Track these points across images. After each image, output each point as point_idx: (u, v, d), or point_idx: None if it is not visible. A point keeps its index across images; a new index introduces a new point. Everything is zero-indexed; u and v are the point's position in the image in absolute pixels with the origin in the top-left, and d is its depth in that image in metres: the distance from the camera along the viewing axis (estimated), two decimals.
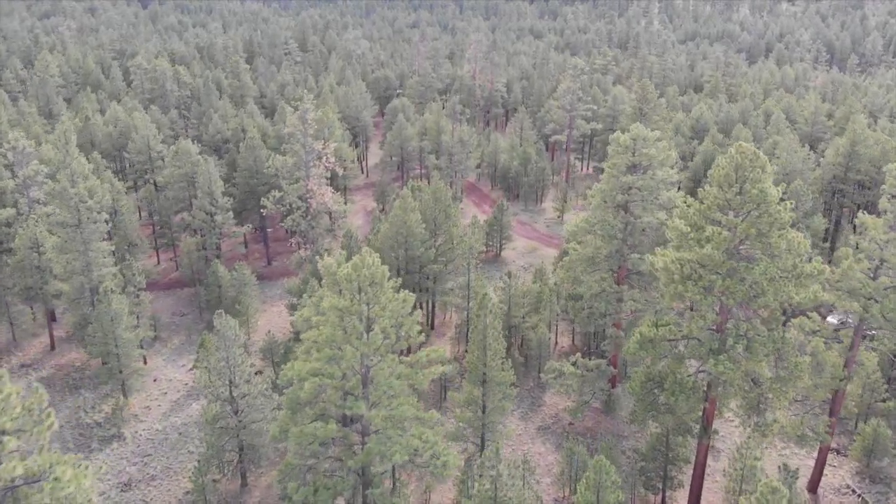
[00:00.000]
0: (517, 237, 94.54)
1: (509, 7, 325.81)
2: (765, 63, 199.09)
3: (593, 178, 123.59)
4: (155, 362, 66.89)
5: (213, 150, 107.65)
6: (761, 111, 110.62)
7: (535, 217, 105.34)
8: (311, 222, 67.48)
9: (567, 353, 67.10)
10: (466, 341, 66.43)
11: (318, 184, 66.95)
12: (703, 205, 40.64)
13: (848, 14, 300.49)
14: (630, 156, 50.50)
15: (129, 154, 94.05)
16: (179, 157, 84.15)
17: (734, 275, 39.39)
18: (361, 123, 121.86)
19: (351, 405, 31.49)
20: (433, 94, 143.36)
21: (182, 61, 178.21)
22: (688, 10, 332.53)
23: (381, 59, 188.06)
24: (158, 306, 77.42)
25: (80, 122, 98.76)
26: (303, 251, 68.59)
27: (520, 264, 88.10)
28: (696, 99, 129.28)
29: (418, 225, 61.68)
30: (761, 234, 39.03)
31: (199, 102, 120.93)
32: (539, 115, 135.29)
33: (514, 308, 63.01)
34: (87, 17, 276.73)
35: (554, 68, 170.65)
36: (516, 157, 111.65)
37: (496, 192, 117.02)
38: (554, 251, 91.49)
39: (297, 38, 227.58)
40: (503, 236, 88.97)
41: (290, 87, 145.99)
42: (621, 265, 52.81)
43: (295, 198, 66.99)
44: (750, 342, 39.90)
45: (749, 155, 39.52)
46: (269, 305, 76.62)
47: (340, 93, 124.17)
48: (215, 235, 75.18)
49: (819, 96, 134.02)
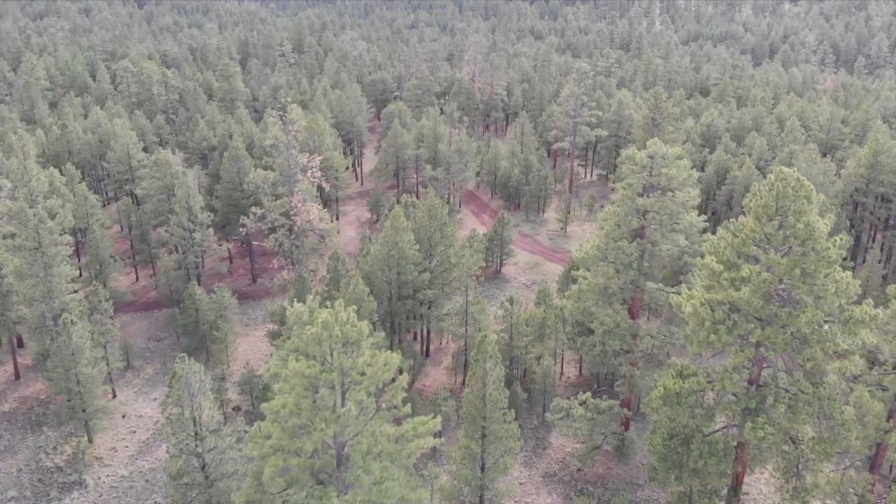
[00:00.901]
0: (518, 251, 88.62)
1: (509, 7, 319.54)
2: (770, 65, 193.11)
3: (597, 186, 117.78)
4: (125, 395, 60.99)
5: (199, 157, 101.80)
6: (774, 117, 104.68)
7: (538, 228, 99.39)
8: (295, 241, 61.61)
9: (574, 385, 61.29)
10: (465, 371, 60.65)
11: (304, 200, 61.07)
12: (738, 238, 34.79)
13: (852, 15, 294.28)
14: (647, 175, 44.60)
15: (107, 163, 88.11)
16: (158, 167, 78.27)
17: (775, 322, 33.53)
18: (355, 129, 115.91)
19: (320, 496, 25.58)
20: (431, 97, 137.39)
21: (174, 63, 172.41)
22: (689, 10, 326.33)
23: (378, 60, 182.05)
24: (133, 329, 71.56)
25: (58, 129, 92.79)
26: (286, 273, 62.74)
27: (521, 281, 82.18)
28: (704, 103, 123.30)
29: (411, 247, 55.77)
30: (806, 275, 33.18)
31: (185, 107, 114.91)
32: (541, 120, 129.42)
33: (517, 337, 57.20)
34: (81, 17, 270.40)
35: (555, 70, 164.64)
36: (517, 164, 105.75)
37: (496, 200, 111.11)
38: (557, 266, 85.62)
39: (294, 39, 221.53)
40: (504, 251, 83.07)
41: (284, 89, 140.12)
42: (636, 296, 46.92)
43: (278, 215, 61.15)
44: (793, 400, 34.03)
45: (792, 182, 33.73)
46: (252, 329, 70.70)
47: (334, 97, 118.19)
48: (194, 254, 69.26)
49: (830, 100, 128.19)
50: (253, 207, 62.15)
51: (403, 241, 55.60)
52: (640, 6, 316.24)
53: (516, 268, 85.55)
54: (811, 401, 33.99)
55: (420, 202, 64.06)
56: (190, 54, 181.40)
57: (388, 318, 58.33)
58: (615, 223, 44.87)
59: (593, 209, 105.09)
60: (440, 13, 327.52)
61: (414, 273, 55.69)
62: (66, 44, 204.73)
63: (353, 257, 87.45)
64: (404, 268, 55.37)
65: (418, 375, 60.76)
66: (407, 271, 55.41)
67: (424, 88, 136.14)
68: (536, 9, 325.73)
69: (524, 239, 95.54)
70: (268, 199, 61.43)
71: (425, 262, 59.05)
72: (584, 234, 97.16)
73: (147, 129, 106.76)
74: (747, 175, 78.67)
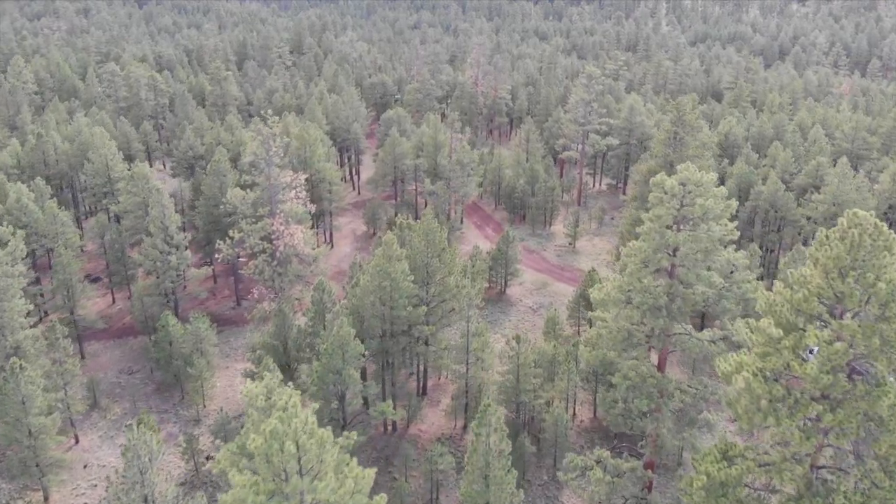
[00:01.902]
0: (524, 269, 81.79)
1: (513, 8, 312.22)
2: (783, 67, 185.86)
3: (607, 197, 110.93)
4: (89, 440, 54.47)
5: (185, 167, 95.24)
6: (795, 124, 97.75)
7: (544, 243, 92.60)
8: (277, 268, 54.99)
9: (589, 431, 54.60)
10: (465, 414, 54.02)
11: (287, 222, 54.44)
12: (799, 296, 28.00)
13: (861, 15, 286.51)
14: (678, 206, 37.81)
15: (85, 175, 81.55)
16: (135, 181, 71.74)
17: (848, 402, 26.78)
18: (352, 137, 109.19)
19: None
20: (432, 102, 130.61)
21: (168, 65, 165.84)
22: (696, 10, 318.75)
23: (378, 62, 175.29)
24: (104, 360, 65.03)
25: (34, 139, 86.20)
26: (267, 303, 56.10)
27: (528, 304, 75.40)
28: (718, 109, 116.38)
29: (405, 278, 49.05)
30: (887, 344, 26.41)
31: (174, 113, 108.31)
32: (546, 126, 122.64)
33: (524, 379, 50.51)
34: (79, 18, 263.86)
35: (561, 73, 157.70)
36: (522, 174, 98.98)
37: (500, 212, 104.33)
38: (566, 286, 78.86)
39: (294, 40, 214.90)
40: (509, 271, 76.32)
41: (279, 93, 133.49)
42: (665, 345, 40.16)
43: (258, 239, 54.55)
44: (865, 497, 27.28)
45: (869, 229, 26.87)
46: (233, 361, 64.05)
47: (330, 102, 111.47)
48: (170, 278, 62.64)
49: (850, 106, 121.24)
50: (231, 231, 55.50)
51: (397, 271, 48.90)
52: (646, 6, 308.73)
53: (522, 288, 78.79)
54: (888, 497, 27.28)
55: (417, 224, 57.34)
56: (185, 56, 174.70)
57: (380, 356, 51.70)
58: (641, 261, 38.09)
59: (603, 222, 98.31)
60: (443, 13, 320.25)
61: (408, 308, 49.00)
62: (60, 45, 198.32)
63: (346, 277, 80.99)
64: (397, 302, 48.68)
65: (414, 419, 54.09)
66: (400, 306, 48.72)
67: (425, 92, 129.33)
68: (541, 9, 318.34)
69: (530, 255, 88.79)
70: (247, 221, 54.78)
71: (422, 293, 52.35)
72: (593, 249, 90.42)
73: (132, 136, 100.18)
74: (773, 191, 71.82)
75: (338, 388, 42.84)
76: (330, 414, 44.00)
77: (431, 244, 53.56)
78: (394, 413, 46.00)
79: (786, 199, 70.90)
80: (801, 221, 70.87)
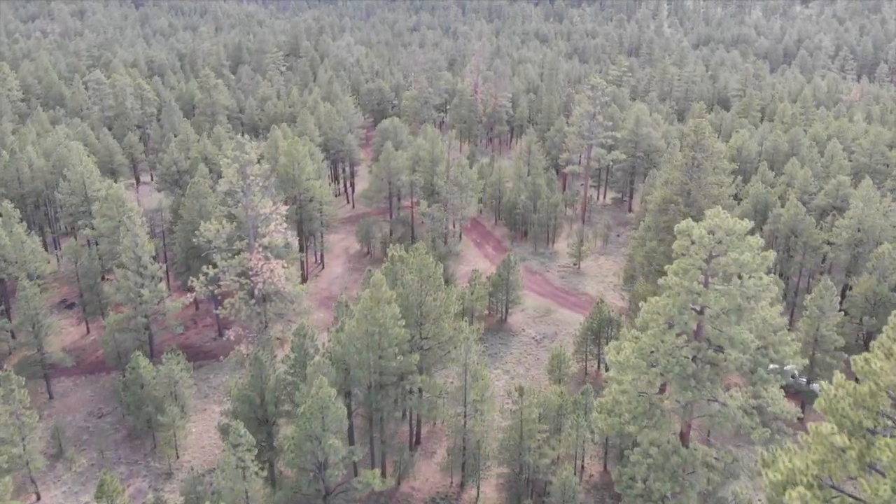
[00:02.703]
0: (527, 292, 76.38)
1: (513, 10, 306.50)
2: (789, 72, 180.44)
3: (612, 211, 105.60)
4: (51, 497, 49.32)
5: (170, 183, 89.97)
6: (810, 137, 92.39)
7: (547, 263, 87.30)
8: (255, 307, 49.79)
9: (599, 488, 49.36)
10: (463, 472, 48.80)
11: (266, 257, 49.21)
12: (866, 390, 22.74)
13: (865, 17, 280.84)
14: (706, 258, 32.60)
15: (61, 195, 76.31)
16: (110, 204, 66.51)
17: None
18: (346, 148, 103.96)
19: None
20: (430, 110, 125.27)
21: (160, 70, 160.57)
22: (698, 11, 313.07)
23: (375, 67, 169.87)
24: (73, 400, 59.88)
25: (7, 155, 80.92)
26: (244, 346, 50.87)
27: (531, 334, 70.10)
28: (727, 119, 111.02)
29: (395, 323, 43.79)
30: None
31: (160, 124, 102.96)
32: (548, 135, 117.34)
33: (527, 436, 45.26)
34: (73, 20, 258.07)
35: (563, 79, 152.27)
36: (524, 188, 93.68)
37: (500, 228, 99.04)
38: (571, 314, 73.61)
39: (290, 43, 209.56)
40: (510, 298, 71.07)
41: (272, 101, 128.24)
42: (691, 416, 34.93)
43: (234, 276, 49.33)
44: None
45: None
46: (210, 402, 58.79)
47: (324, 112, 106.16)
48: (142, 313, 57.39)
49: (862, 114, 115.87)
50: (205, 266, 50.13)
51: (386, 316, 43.62)
52: (648, 8, 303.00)
53: (524, 315, 73.51)
54: None
55: (410, 255, 52.06)
56: (178, 61, 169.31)
57: (367, 408, 46.45)
58: (666, 321, 32.84)
59: (609, 239, 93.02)
60: (443, 15, 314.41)
61: (399, 357, 43.75)
62: (52, 48, 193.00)
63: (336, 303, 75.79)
64: (386, 351, 43.43)
65: (406, 476, 48.87)
66: (390, 355, 43.47)
67: (423, 101, 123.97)
68: (541, 11, 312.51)
69: (532, 276, 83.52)
70: (223, 255, 49.52)
71: (414, 333, 47.13)
72: (599, 270, 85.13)
73: (115, 149, 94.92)
74: (794, 215, 66.51)
75: (317, 457, 37.61)
76: (309, 485, 38.77)
77: (425, 281, 48.33)
78: (382, 483, 40.76)
79: (807, 224, 65.60)
80: (823, 248, 65.56)
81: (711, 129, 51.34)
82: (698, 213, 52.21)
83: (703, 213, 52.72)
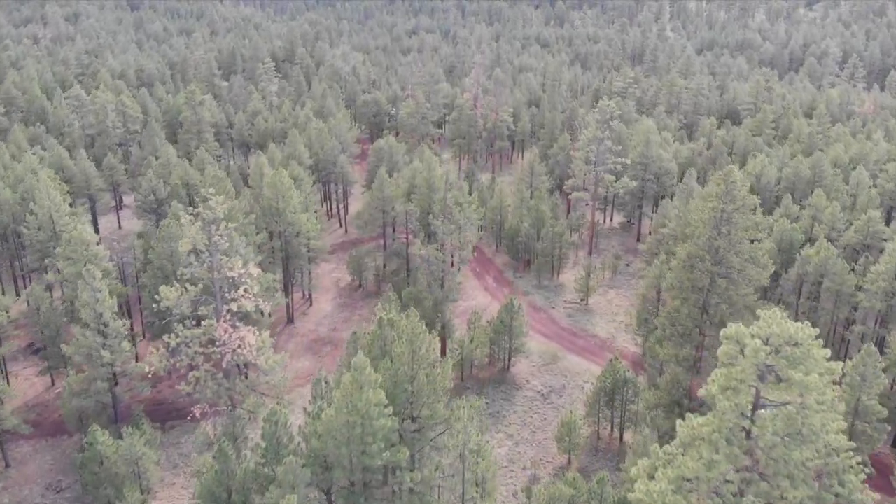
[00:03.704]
0: (531, 333, 69.88)
1: (514, 13, 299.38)
2: (798, 80, 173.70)
3: (619, 236, 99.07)
4: None
5: (149, 210, 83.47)
6: (831, 161, 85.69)
7: (552, 298, 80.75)
8: (222, 383, 43.37)
9: None
10: None
11: (235, 324, 42.79)
12: None
13: (872, 21, 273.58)
14: (758, 375, 26.03)
15: (27, 230, 69.77)
16: (73, 247, 59.99)
17: None
18: (338, 170, 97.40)
19: None
20: (428, 126, 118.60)
21: (150, 80, 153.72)
22: (701, 14, 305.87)
23: (372, 77, 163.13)
24: (31, 469, 53.54)
25: None
26: (210, 428, 44.42)
27: (536, 387, 63.47)
28: (740, 137, 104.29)
29: (381, 413, 37.23)
30: None
31: (140, 145, 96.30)
32: (552, 153, 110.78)
33: None
34: (65, 25, 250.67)
35: (566, 90, 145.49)
36: (527, 214, 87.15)
37: (501, 255, 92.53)
38: (581, 361, 67.14)
39: (286, 49, 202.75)
40: (514, 346, 64.50)
41: (263, 115, 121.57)
42: None
43: (198, 347, 42.89)
44: None
45: None
46: (180, 472, 52.40)
47: (315, 133, 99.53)
48: (102, 377, 50.87)
49: (881, 131, 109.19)
50: (167, 336, 43.64)
51: (370, 403, 37.08)
52: (650, 11, 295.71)
53: (528, 363, 66.93)
54: None
55: (401, 320, 45.49)
56: (168, 70, 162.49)
57: None
58: (711, 454, 26.28)
59: (618, 270, 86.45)
60: (442, 18, 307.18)
61: (385, 454, 37.23)
62: (42, 55, 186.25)
63: (326, 346, 69.35)
64: (370, 447, 36.90)
65: None
66: (374, 452, 36.93)
67: (420, 116, 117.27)
68: (542, 13, 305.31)
69: (537, 314, 77.04)
70: (185, 324, 43.07)
71: (405, 419, 40.59)
72: (609, 306, 78.62)
73: (91, 174, 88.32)
74: (824, 259, 59.95)
75: None
76: None
77: (417, 356, 41.73)
78: None
79: (840, 269, 59.04)
80: (858, 296, 58.95)
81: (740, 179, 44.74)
82: (728, 272, 45.74)
83: (733, 270, 46.31)
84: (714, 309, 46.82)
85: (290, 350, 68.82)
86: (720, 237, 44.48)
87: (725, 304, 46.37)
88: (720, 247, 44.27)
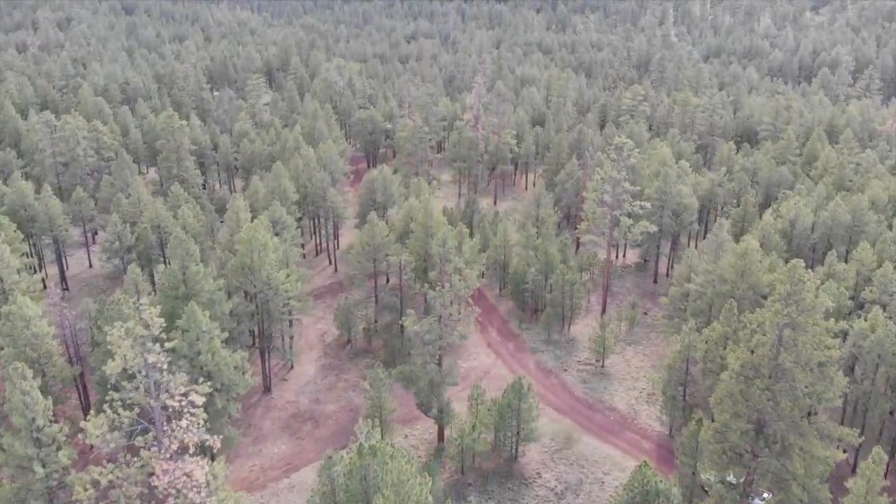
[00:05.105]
0: (542, 406, 60.38)
1: (514, 17, 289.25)
2: (813, 92, 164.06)
3: (634, 276, 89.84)
4: None
5: (118, 257, 74.31)
6: (868, 200, 76.43)
7: (564, 358, 71.49)
8: None
9: None
10: None
11: (176, 457, 33.69)
12: None
13: (881, 27, 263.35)
14: None
15: None
16: (13, 323, 50.84)
17: None
18: (328, 205, 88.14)
19: None
20: (425, 150, 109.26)
21: (135, 93, 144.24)
22: (706, 19, 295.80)
23: (367, 91, 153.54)
24: None
25: None
26: None
27: (549, 483, 54.14)
28: (763, 165, 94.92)
29: None
30: None
31: (111, 179, 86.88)
32: (559, 179, 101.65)
33: None
34: (55, 31, 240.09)
35: (572, 107, 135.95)
36: (534, 258, 77.89)
37: (505, 301, 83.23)
38: (599, 444, 57.96)
39: (280, 57, 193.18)
40: (523, 432, 55.13)
41: (249, 136, 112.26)
42: None
43: (132, 484, 33.81)
44: None
45: None
46: None
47: (302, 164, 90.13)
48: (35, 495, 41.72)
49: None
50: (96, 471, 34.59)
51: None
52: (654, 15, 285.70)
53: (539, 447, 57.59)
54: None
55: (384, 446, 36.30)
56: (155, 84, 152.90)
57: None
58: None
59: (636, 321, 77.12)
60: (441, 22, 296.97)
61: None
62: (28, 65, 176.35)
63: (306, 422, 60.02)
64: None
65: None
66: None
67: (418, 140, 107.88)
68: (543, 18, 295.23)
69: (547, 378, 67.90)
70: (119, 458, 33.95)
71: None
72: (627, 369, 69.44)
73: (55, 212, 79.01)
74: (881, 337, 50.72)
75: None
76: None
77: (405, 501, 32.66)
78: None
79: None
80: None
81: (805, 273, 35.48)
82: (791, 389, 36.49)
83: (795, 386, 37.06)
84: (772, 428, 37.63)
85: (265, 430, 59.67)
86: (783, 348, 35.25)
87: (785, 423, 37.19)
88: (783, 361, 35.04)
